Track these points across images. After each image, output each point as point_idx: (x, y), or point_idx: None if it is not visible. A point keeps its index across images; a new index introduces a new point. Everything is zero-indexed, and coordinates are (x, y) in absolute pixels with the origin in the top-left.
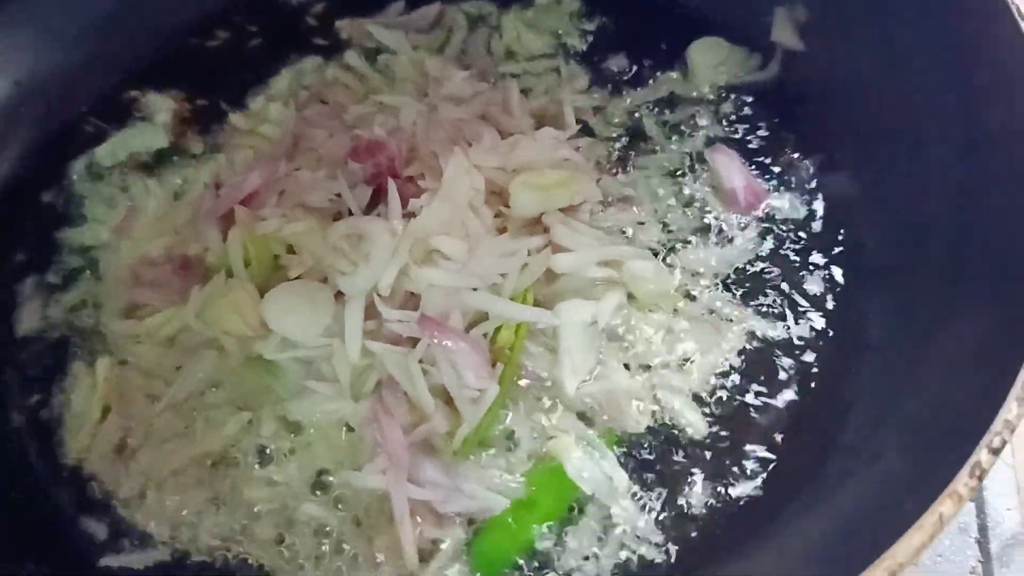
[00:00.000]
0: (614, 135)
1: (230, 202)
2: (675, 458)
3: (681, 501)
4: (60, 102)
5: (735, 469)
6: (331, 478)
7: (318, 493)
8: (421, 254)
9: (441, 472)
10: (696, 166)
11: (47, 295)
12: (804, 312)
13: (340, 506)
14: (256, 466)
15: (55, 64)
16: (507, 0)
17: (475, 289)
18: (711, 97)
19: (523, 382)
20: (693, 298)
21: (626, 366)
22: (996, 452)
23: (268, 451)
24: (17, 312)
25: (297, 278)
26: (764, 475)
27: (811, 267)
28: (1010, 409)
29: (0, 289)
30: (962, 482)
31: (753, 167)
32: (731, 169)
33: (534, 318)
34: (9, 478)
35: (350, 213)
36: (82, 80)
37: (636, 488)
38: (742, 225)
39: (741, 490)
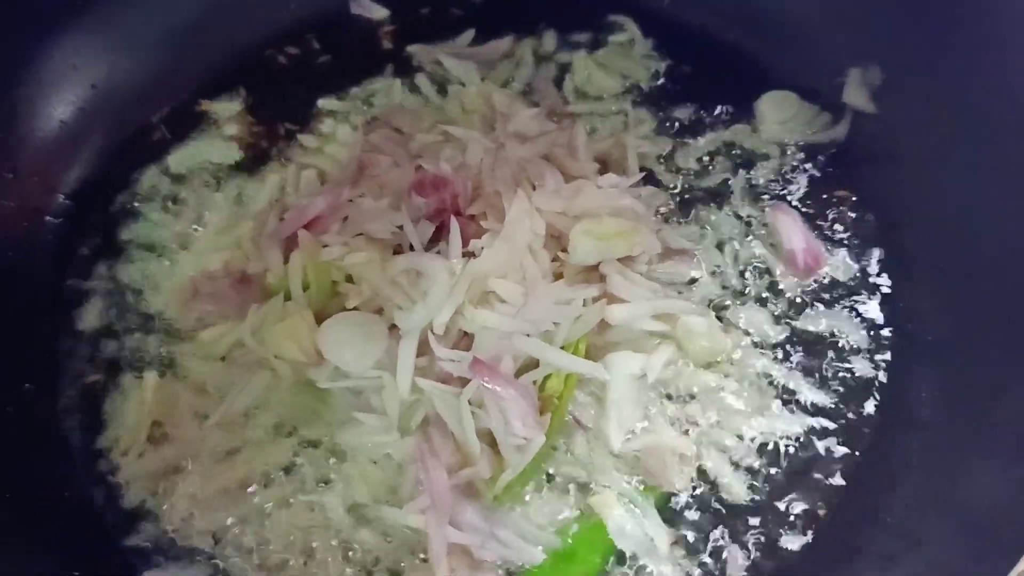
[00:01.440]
0: (677, 184)
1: (294, 225)
2: (716, 522)
3: (718, 569)
4: (133, 108)
5: (774, 540)
6: (370, 510)
7: (357, 523)
8: (477, 295)
9: (480, 517)
10: (757, 223)
11: (109, 297)
12: (854, 382)
13: (378, 538)
14: (299, 491)
15: (131, 71)
16: (578, 41)
17: (528, 335)
18: (777, 152)
19: (569, 432)
20: (744, 359)
21: (673, 423)
22: None
23: (312, 477)
24: (80, 309)
25: (354, 308)
26: (802, 549)
27: (865, 336)
28: None
29: (67, 284)
30: None
31: (814, 228)
32: (792, 230)
33: (585, 371)
34: (55, 486)
35: (411, 247)
36: (156, 88)
37: (676, 550)
38: (800, 288)
39: (779, 563)
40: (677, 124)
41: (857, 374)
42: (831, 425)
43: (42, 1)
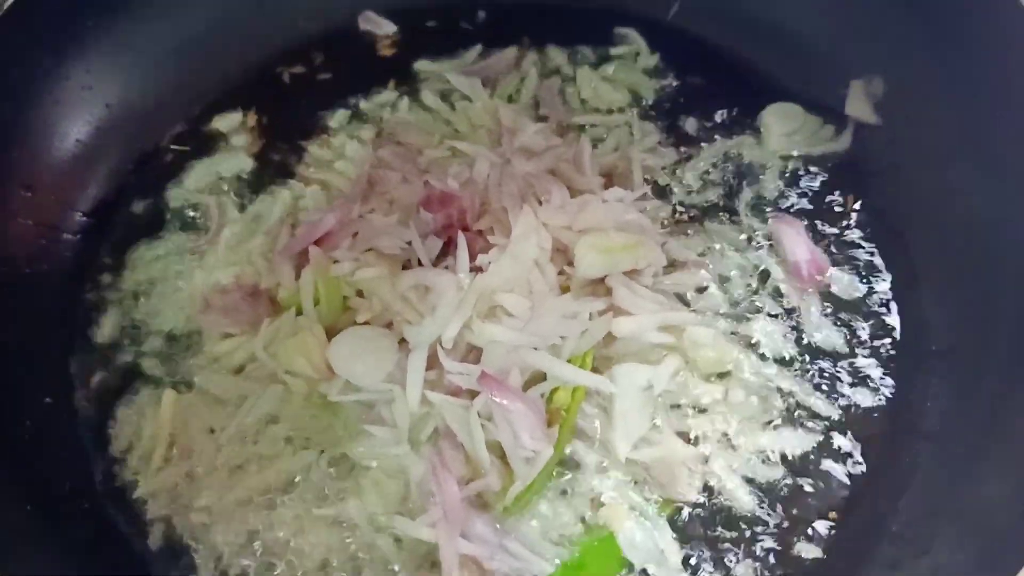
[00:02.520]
0: (682, 196)
1: (305, 241)
2: (724, 532)
3: None
4: (147, 126)
5: (782, 550)
6: (384, 520)
7: (376, 532)
8: (485, 309)
9: (490, 529)
10: (762, 234)
11: (125, 311)
12: (861, 392)
13: (392, 548)
14: (312, 503)
15: (144, 90)
16: (584, 54)
17: (535, 348)
18: (781, 164)
19: (577, 443)
20: (751, 370)
21: (680, 434)
22: None
23: (325, 489)
24: (96, 322)
25: (364, 323)
26: (810, 559)
27: (873, 345)
28: None
29: (83, 298)
30: None
31: (818, 239)
32: (796, 241)
33: (592, 384)
34: (74, 499)
35: (419, 262)
36: (168, 106)
37: (688, 562)
38: (805, 298)
39: (787, 573)
40: (682, 136)
41: (864, 384)
42: (838, 435)
43: (58, 23)
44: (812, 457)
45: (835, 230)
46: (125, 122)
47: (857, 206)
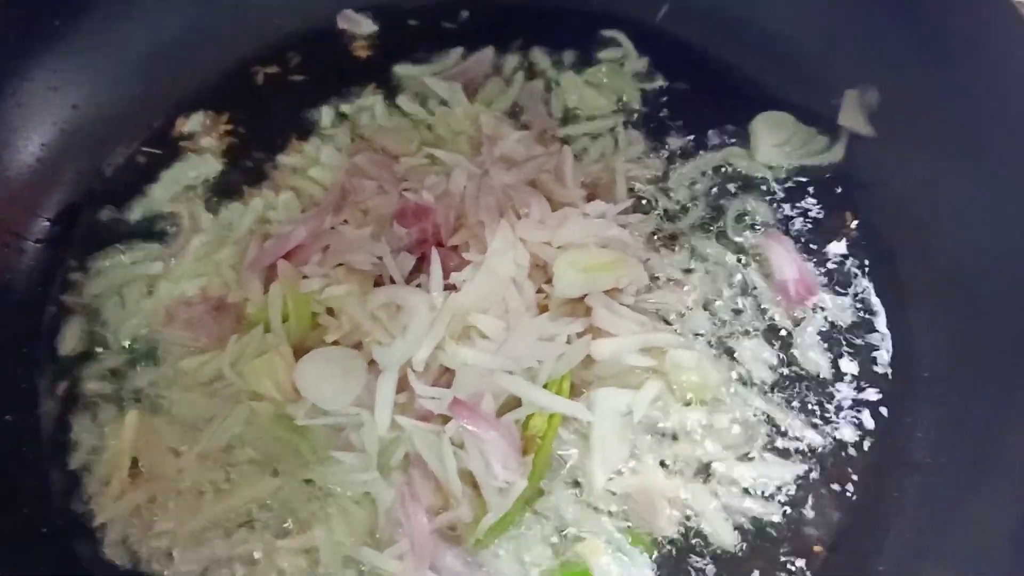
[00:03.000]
0: (667, 209)
1: (274, 255)
2: (705, 568)
3: None
4: (116, 128)
5: None
6: (350, 551)
7: (344, 565)
8: (458, 330)
9: (461, 562)
10: (749, 251)
11: (90, 322)
12: (849, 421)
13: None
14: (279, 530)
15: (112, 91)
16: (568, 58)
17: (510, 372)
18: (771, 176)
19: (554, 473)
20: (735, 395)
21: (662, 463)
22: None
23: (289, 521)
24: (60, 334)
25: (333, 342)
26: None
27: (861, 371)
28: None
29: (47, 309)
30: None
31: (808, 256)
32: (784, 259)
33: (568, 411)
34: (34, 522)
35: (392, 279)
36: (138, 108)
37: None
38: (793, 320)
39: None
40: (668, 146)
41: (852, 412)
42: (824, 466)
43: (22, 23)
44: (797, 490)
45: (826, 248)
46: (93, 125)
47: (853, 225)
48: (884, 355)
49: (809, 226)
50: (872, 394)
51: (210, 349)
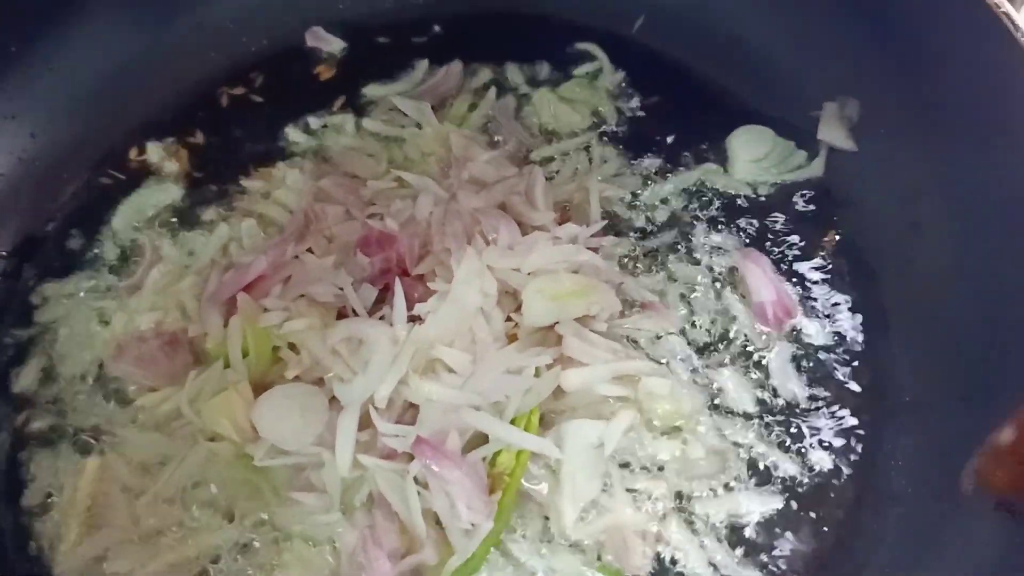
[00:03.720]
0: (641, 229)
1: (234, 287)
2: None
3: None
4: (76, 156)
5: None
6: None
7: None
8: (422, 363)
9: None
10: (726, 272)
11: (46, 358)
12: (826, 450)
13: None
14: None
15: (72, 117)
16: (542, 72)
17: (477, 407)
18: (749, 193)
19: (522, 509)
20: (710, 424)
21: (634, 496)
22: None
23: (251, 563)
24: (16, 370)
25: (295, 378)
26: None
27: (840, 397)
28: None
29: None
30: None
31: (786, 276)
32: (761, 281)
33: (536, 448)
34: None
35: (354, 311)
36: (99, 134)
37: None
38: (770, 344)
39: None
40: (644, 163)
41: (829, 440)
42: (800, 496)
43: None
44: (773, 521)
45: (803, 267)
46: (52, 152)
47: (833, 243)
48: (863, 379)
49: (787, 244)
50: (850, 420)
51: (159, 387)
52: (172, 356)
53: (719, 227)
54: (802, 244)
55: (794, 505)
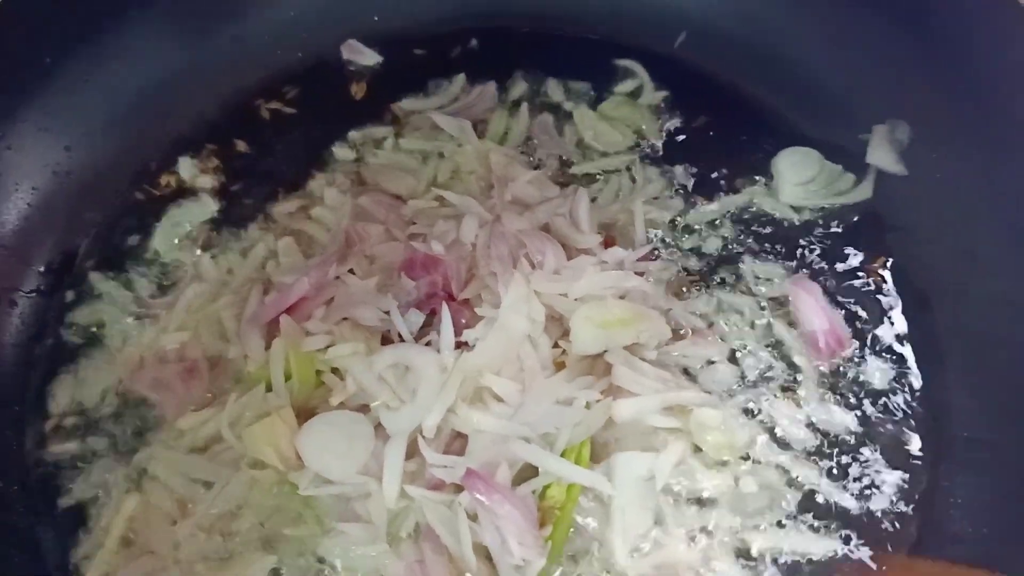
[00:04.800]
0: (688, 249)
1: (276, 309)
2: None
3: None
4: (111, 169)
5: None
6: None
7: None
8: (471, 391)
9: None
10: (776, 299)
11: (82, 376)
12: (882, 486)
13: None
14: None
15: (107, 130)
16: (582, 90)
17: (526, 438)
18: (796, 217)
19: (573, 544)
20: (763, 456)
21: (685, 529)
22: None
23: None
24: (51, 386)
25: (339, 405)
26: None
27: (893, 429)
28: None
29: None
30: None
31: (837, 305)
32: (812, 309)
33: (588, 482)
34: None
35: (400, 336)
36: (134, 147)
37: None
38: (823, 374)
39: None
40: (688, 184)
41: (885, 475)
42: (857, 536)
43: (9, 60)
44: (831, 564)
45: (853, 295)
46: (87, 166)
47: (885, 270)
48: (919, 413)
49: (837, 272)
50: (905, 455)
51: (168, 414)
52: (188, 384)
53: (766, 252)
54: (851, 271)
55: (852, 543)
